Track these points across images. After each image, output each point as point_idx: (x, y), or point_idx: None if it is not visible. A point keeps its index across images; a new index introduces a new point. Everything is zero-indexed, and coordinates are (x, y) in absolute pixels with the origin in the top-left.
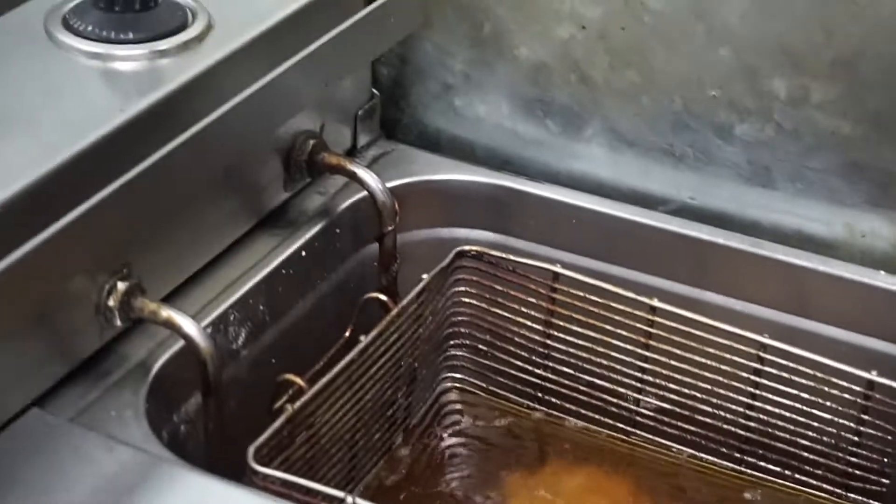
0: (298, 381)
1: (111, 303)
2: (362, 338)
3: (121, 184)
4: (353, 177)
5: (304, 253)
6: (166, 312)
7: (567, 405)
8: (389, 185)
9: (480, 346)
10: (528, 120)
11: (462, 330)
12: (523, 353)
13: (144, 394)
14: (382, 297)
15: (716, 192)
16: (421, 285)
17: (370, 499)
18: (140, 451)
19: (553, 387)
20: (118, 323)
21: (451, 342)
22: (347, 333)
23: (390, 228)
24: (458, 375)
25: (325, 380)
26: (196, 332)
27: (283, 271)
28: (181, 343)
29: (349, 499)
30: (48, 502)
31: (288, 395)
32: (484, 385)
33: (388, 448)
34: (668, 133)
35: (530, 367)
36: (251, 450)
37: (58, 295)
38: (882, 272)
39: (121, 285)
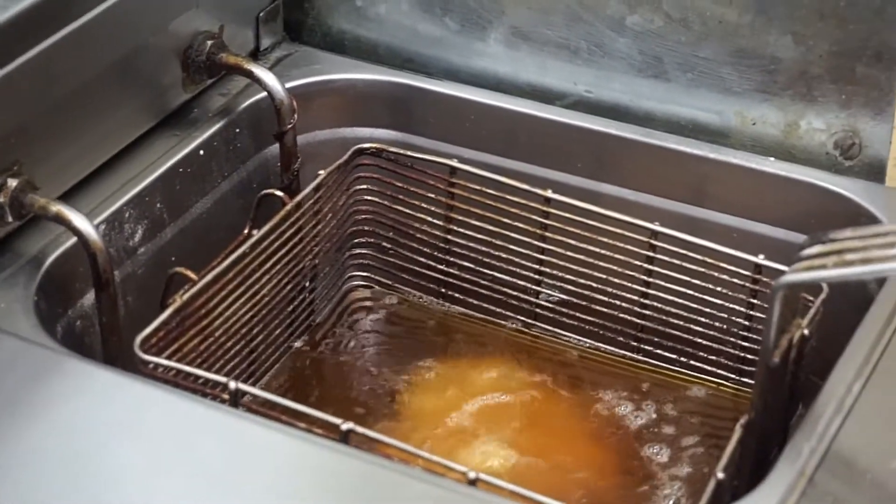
0: (189, 273)
1: (1, 199)
2: (255, 232)
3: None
4: (250, 75)
5: (202, 152)
6: (56, 207)
7: (470, 300)
8: (290, 85)
9: (384, 244)
10: (427, 18)
11: (365, 228)
12: (426, 249)
13: (35, 288)
14: (278, 192)
15: (611, 85)
16: (317, 181)
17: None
18: (27, 343)
19: (456, 282)
20: (10, 219)
21: (356, 240)
22: (246, 230)
23: (289, 126)
24: (363, 273)
25: (214, 272)
26: (86, 227)
27: (181, 169)
28: (74, 239)
29: (231, 384)
30: None
31: (184, 289)
32: (389, 282)
33: (290, 345)
34: (562, 27)
35: (433, 263)
36: (138, 339)
37: None
38: (771, 158)
39: (11, 182)
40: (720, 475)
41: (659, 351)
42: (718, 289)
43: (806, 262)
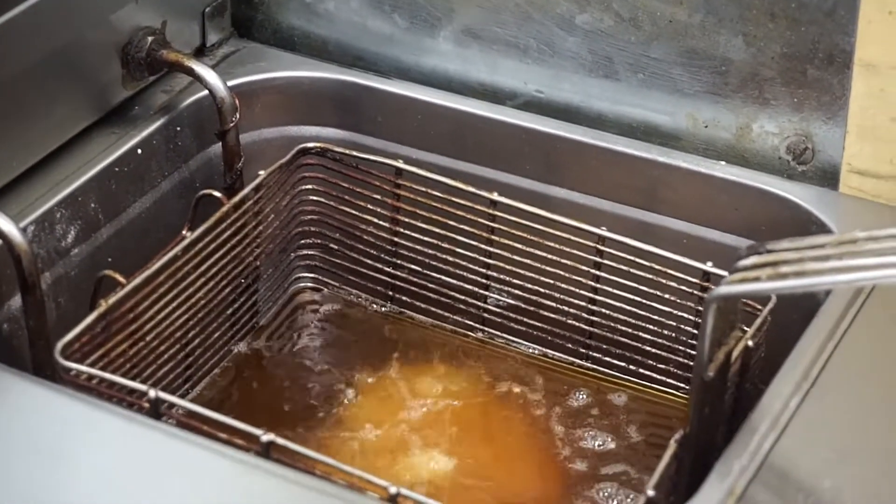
0: (117, 276)
1: None
2: (187, 233)
3: None
4: (190, 73)
5: (140, 150)
6: None
7: (417, 303)
8: (234, 82)
9: (331, 245)
10: (376, 15)
11: (312, 228)
12: (372, 251)
13: None
14: (216, 193)
15: (561, 85)
16: (257, 181)
17: (208, 400)
18: None
19: (403, 284)
20: None
21: (301, 241)
22: (185, 232)
23: (231, 125)
24: (310, 275)
25: (144, 275)
26: (9, 228)
27: (118, 169)
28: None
29: (151, 392)
30: None
31: (112, 294)
32: (337, 284)
33: (231, 348)
34: (512, 25)
35: (380, 265)
36: (59, 345)
37: None
38: (722, 163)
39: None
40: (650, 493)
41: (607, 358)
42: (667, 296)
43: (741, 273)
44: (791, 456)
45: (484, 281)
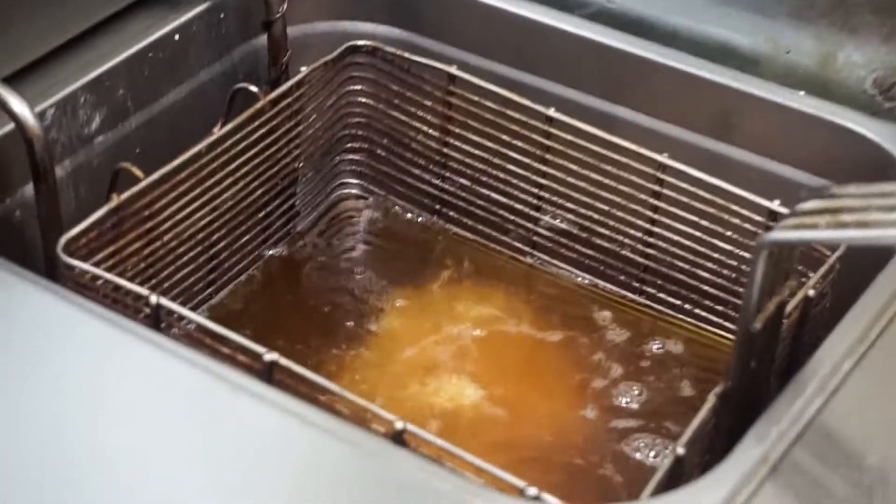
0: (134, 170)
1: None
2: (216, 130)
3: None
4: None
5: (178, 36)
6: None
7: (465, 219)
8: None
9: (378, 151)
10: None
11: (358, 132)
12: (421, 161)
13: None
14: (252, 87)
15: None
16: (299, 76)
17: (228, 311)
18: None
19: (451, 198)
20: None
21: (347, 145)
22: (217, 127)
23: (278, 15)
24: (354, 181)
25: (163, 171)
26: (22, 110)
27: (151, 54)
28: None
29: (153, 298)
30: None
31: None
32: (382, 193)
33: (263, 253)
34: None
35: (428, 177)
36: (62, 240)
37: None
38: (802, 93)
39: None
40: (680, 451)
41: (662, 294)
42: (728, 233)
43: (798, 218)
44: (836, 425)
45: (536, 202)
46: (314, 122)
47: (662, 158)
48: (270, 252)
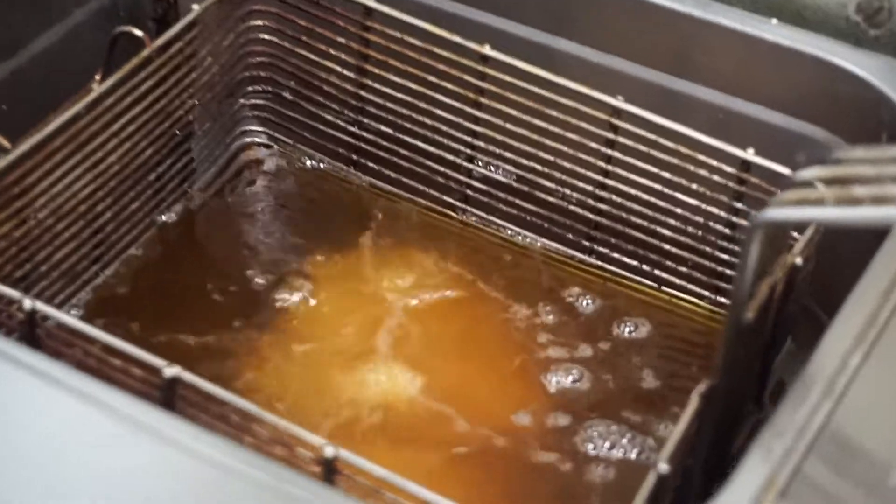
0: (1, 140)
1: None
2: (96, 85)
3: None
4: None
5: None
6: None
7: (387, 171)
8: None
9: (285, 96)
10: None
11: (261, 74)
12: (334, 106)
13: None
14: (137, 31)
15: None
16: (190, 16)
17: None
18: None
19: (370, 148)
20: None
21: (248, 88)
22: (97, 78)
23: None
24: (258, 128)
25: (35, 139)
26: None
27: None
28: None
29: (27, 303)
30: None
31: None
32: (290, 142)
33: (154, 219)
34: None
35: (343, 124)
36: None
37: None
38: (774, 21)
39: None
40: (662, 468)
41: (616, 255)
42: (694, 186)
43: (797, 191)
44: (849, 432)
45: (469, 151)
46: (210, 67)
47: (616, 102)
48: (163, 218)
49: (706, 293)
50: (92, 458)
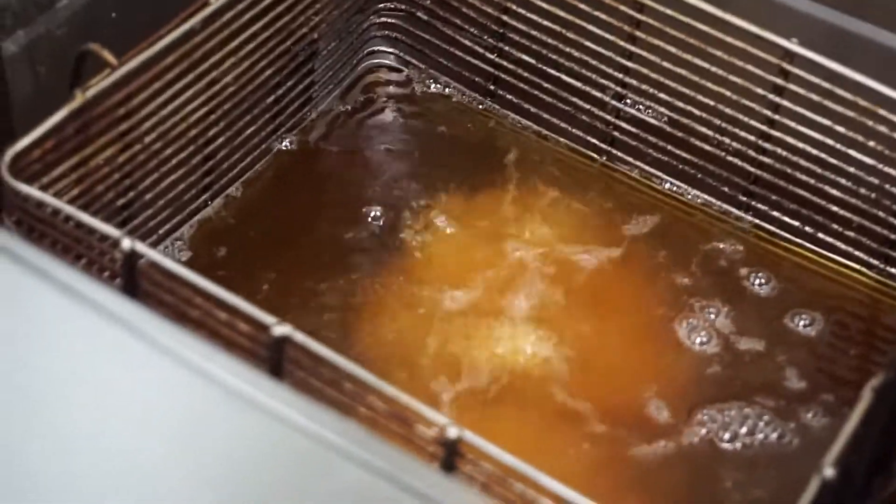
0: (105, 54)
1: None
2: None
3: None
4: None
5: None
6: None
7: (526, 105)
8: None
9: (420, 15)
10: None
11: None
12: (473, 30)
13: None
14: None
15: None
16: None
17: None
18: None
19: (509, 78)
20: None
21: (380, 6)
22: None
23: None
24: (387, 50)
25: (143, 56)
26: None
27: None
28: None
29: (125, 242)
30: None
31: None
32: (422, 66)
33: (272, 146)
34: None
35: (481, 50)
36: (7, 156)
37: None
38: None
39: None
40: (828, 472)
41: (776, 213)
42: (871, 144)
43: None
44: None
45: (618, 89)
46: None
47: (789, 44)
48: (280, 145)
49: (875, 262)
50: (189, 430)
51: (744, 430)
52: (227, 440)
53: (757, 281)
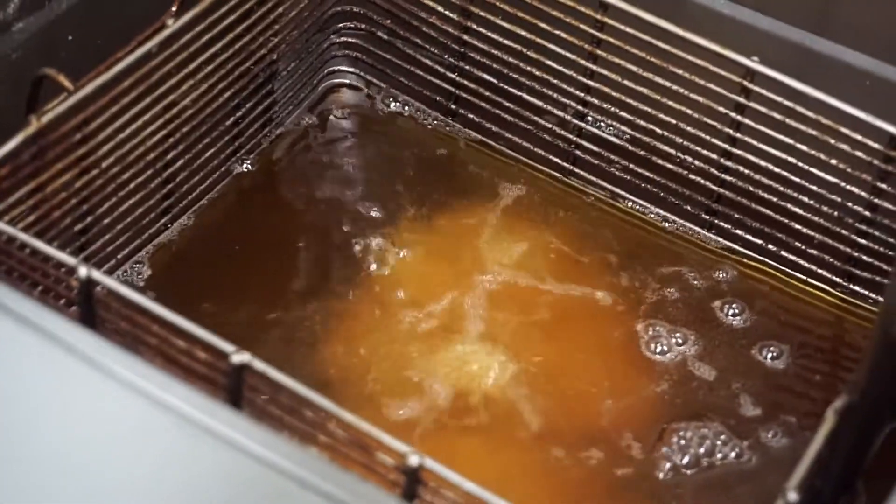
0: (62, 79)
1: None
2: (170, 21)
3: None
4: None
5: None
6: None
7: (487, 124)
8: None
9: (380, 34)
10: None
11: (354, 9)
12: (434, 49)
13: None
14: None
15: None
16: None
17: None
18: None
19: (470, 97)
20: None
21: (340, 25)
22: (171, 16)
23: None
24: (347, 70)
25: (100, 80)
26: None
27: None
28: None
29: (82, 270)
30: None
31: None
32: (382, 86)
33: (231, 168)
34: None
35: (442, 69)
36: None
37: None
38: None
39: None
40: (792, 497)
41: (740, 232)
42: (833, 161)
43: None
44: None
45: (580, 108)
46: (299, 2)
47: (750, 62)
48: (240, 167)
49: (838, 280)
50: (146, 461)
51: (702, 450)
52: (185, 471)
53: (722, 303)
